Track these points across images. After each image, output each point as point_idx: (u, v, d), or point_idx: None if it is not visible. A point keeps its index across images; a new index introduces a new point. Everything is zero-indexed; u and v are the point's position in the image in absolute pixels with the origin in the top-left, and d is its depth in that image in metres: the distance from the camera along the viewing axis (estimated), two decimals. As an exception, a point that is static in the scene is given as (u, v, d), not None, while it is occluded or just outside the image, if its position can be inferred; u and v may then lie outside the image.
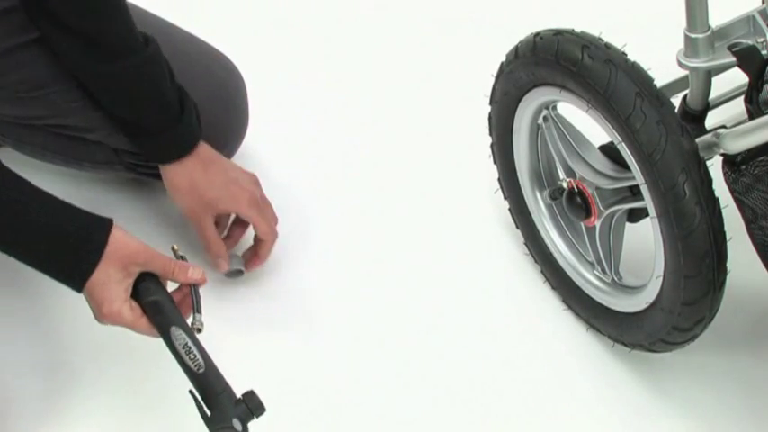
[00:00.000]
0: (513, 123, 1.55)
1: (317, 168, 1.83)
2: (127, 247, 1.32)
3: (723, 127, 1.32)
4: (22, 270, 1.32)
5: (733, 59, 1.33)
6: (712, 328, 1.41)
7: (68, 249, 1.30)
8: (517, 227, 1.67)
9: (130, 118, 1.52)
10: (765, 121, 1.21)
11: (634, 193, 1.44)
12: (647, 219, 1.38)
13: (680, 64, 1.39)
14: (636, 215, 1.48)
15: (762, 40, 1.36)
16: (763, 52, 1.33)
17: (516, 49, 1.47)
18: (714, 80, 1.41)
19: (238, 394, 1.32)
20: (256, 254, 1.61)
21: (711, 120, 1.43)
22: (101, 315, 1.34)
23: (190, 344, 1.34)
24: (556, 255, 1.60)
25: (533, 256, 1.66)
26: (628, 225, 1.50)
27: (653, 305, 1.43)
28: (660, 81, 1.38)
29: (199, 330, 1.36)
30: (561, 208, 1.57)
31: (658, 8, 1.79)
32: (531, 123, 1.54)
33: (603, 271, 1.54)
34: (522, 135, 1.56)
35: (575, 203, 1.50)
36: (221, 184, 1.55)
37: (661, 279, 1.39)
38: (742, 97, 1.29)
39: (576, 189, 1.49)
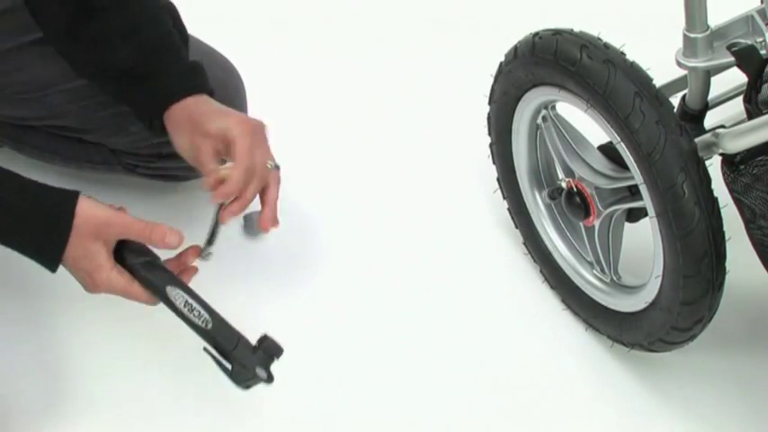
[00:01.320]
0: (511, 123, 1.56)
1: (316, 168, 1.83)
2: (96, 217, 1.29)
3: (722, 127, 1.32)
4: (22, 270, 1.32)
5: (732, 59, 1.33)
6: (711, 328, 1.41)
7: (37, 229, 1.27)
8: (516, 227, 1.67)
9: (139, 61, 1.43)
10: (764, 120, 1.21)
11: (633, 192, 1.44)
12: (646, 218, 1.38)
13: (679, 64, 1.39)
14: (635, 215, 1.48)
15: (761, 39, 1.36)
16: (762, 52, 1.33)
17: (515, 48, 1.47)
18: (713, 80, 1.41)
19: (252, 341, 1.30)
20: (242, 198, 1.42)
21: (710, 119, 1.43)
22: (92, 285, 1.31)
23: (190, 300, 1.32)
24: (555, 254, 1.61)
25: (532, 256, 1.66)
26: (627, 225, 1.50)
27: (652, 305, 1.43)
28: (659, 81, 1.38)
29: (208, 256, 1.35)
30: (560, 208, 1.57)
31: (657, 8, 1.79)
32: (530, 123, 1.54)
33: (602, 271, 1.54)
34: (521, 135, 1.56)
35: (574, 203, 1.50)
36: (218, 112, 1.41)
37: (660, 279, 1.39)
38: (741, 97, 1.29)
39: (575, 189, 1.49)
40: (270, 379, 1.31)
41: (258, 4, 2.14)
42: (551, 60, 1.38)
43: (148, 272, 1.33)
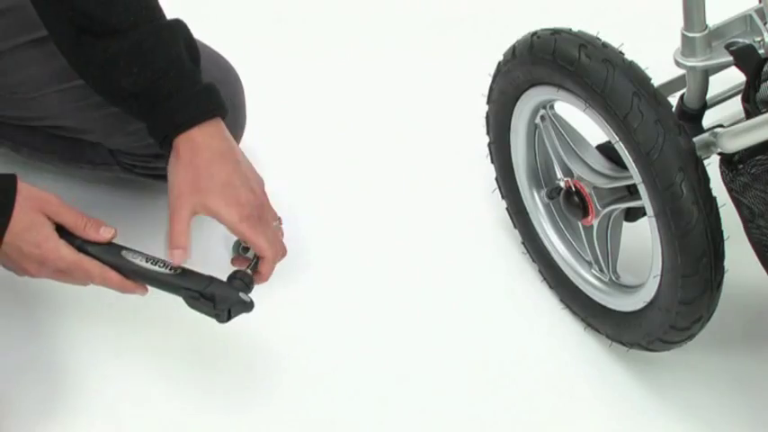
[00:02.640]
0: (510, 123, 1.56)
1: (314, 168, 1.83)
2: (39, 192, 1.30)
3: (720, 126, 1.32)
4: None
5: (730, 58, 1.33)
6: (710, 328, 1.41)
7: None
8: (515, 226, 1.67)
9: (148, 81, 1.39)
10: (763, 119, 1.21)
11: (631, 192, 1.44)
12: (645, 218, 1.38)
13: (677, 63, 1.39)
14: (633, 214, 1.48)
15: (759, 39, 1.36)
16: (761, 51, 1.33)
17: (513, 48, 1.47)
18: (711, 79, 1.41)
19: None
20: (258, 271, 1.42)
21: (709, 119, 1.43)
22: (38, 260, 1.30)
23: (151, 255, 1.33)
24: (553, 254, 1.60)
25: (531, 256, 1.66)
26: (625, 224, 1.51)
27: (650, 304, 1.43)
28: (657, 80, 1.38)
29: None
30: (559, 207, 1.57)
31: (655, 7, 1.79)
32: (529, 123, 1.54)
33: (601, 270, 1.54)
34: (520, 134, 1.56)
35: (572, 203, 1.50)
36: (221, 183, 1.38)
37: (659, 278, 1.39)
38: (739, 96, 1.30)
39: (573, 188, 1.49)
40: (251, 305, 1.33)
41: (256, 3, 2.13)
42: (550, 60, 1.38)
43: (96, 246, 1.33)
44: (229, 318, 1.33)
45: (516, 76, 1.48)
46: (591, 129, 1.41)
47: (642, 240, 1.41)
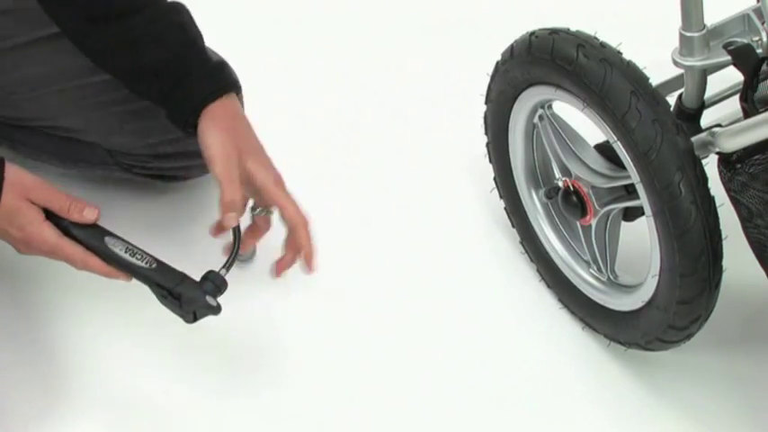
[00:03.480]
0: (508, 122, 1.56)
1: (312, 168, 1.83)
2: (26, 177, 1.31)
3: (718, 125, 1.32)
4: (19, 272, 1.32)
5: (728, 58, 1.33)
6: (708, 327, 1.41)
7: None
8: (513, 226, 1.67)
9: (167, 60, 1.42)
10: (761, 119, 1.21)
11: (629, 191, 1.44)
12: (643, 217, 1.38)
13: (675, 63, 1.39)
14: (631, 214, 1.48)
15: (757, 38, 1.36)
16: (759, 51, 1.33)
17: (512, 48, 1.47)
18: (709, 78, 1.41)
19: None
20: (296, 249, 1.42)
21: (707, 118, 1.43)
22: (24, 242, 1.32)
23: (131, 246, 1.33)
24: (552, 254, 1.61)
25: (529, 255, 1.66)
26: (623, 224, 1.51)
27: (649, 304, 1.43)
28: (655, 80, 1.38)
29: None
30: (557, 207, 1.57)
31: (653, 7, 1.79)
32: (527, 122, 1.54)
33: (599, 270, 1.54)
34: (518, 134, 1.56)
35: (570, 202, 1.50)
36: (258, 147, 1.42)
37: (657, 278, 1.39)
38: (737, 96, 1.30)
39: (571, 188, 1.49)
40: (218, 309, 1.33)
41: (254, 4, 2.13)
42: (548, 59, 1.38)
43: (81, 229, 1.34)
44: (195, 319, 1.33)
45: (514, 75, 1.48)
46: (589, 128, 1.41)
47: (640, 240, 1.41)
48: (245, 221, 1.42)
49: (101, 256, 1.34)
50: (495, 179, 1.66)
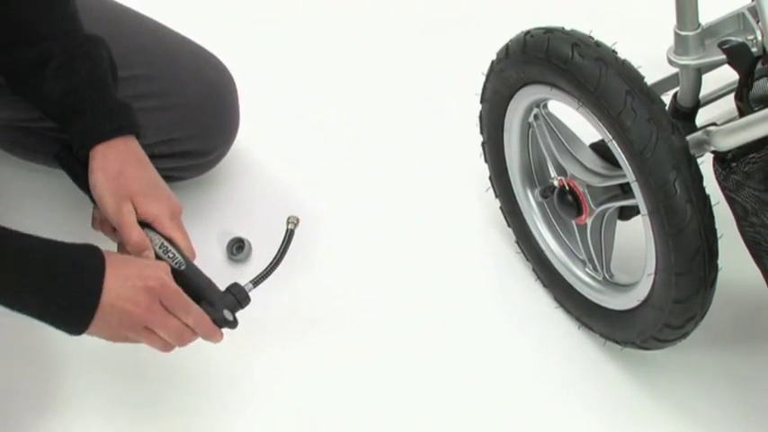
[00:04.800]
0: (503, 122, 1.56)
1: (308, 167, 1.83)
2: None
3: (714, 124, 1.32)
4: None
5: (723, 57, 1.33)
6: (704, 326, 1.41)
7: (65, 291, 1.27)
8: (508, 225, 1.67)
9: (69, 92, 1.43)
10: (756, 118, 1.21)
11: (625, 190, 1.44)
12: (639, 216, 1.38)
13: (670, 62, 1.39)
14: (627, 213, 1.48)
15: (752, 37, 1.36)
16: (753, 49, 1.33)
17: (507, 47, 1.47)
18: (704, 77, 1.41)
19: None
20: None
21: (702, 117, 1.43)
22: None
23: (166, 244, 1.36)
24: (547, 253, 1.61)
25: (525, 255, 1.67)
26: (619, 223, 1.51)
27: (644, 303, 1.43)
28: (650, 79, 1.38)
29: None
30: (552, 206, 1.57)
31: (648, 6, 1.79)
32: (522, 122, 1.54)
33: (595, 269, 1.54)
34: (513, 133, 1.56)
35: (566, 201, 1.50)
36: (150, 182, 1.43)
37: (652, 276, 1.39)
38: (732, 94, 1.30)
39: (567, 187, 1.50)
40: (234, 323, 1.36)
41: (250, 4, 2.13)
42: (543, 59, 1.38)
43: None
44: None
45: (509, 75, 1.48)
46: (584, 127, 1.41)
47: (636, 239, 1.41)
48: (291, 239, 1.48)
49: None
50: (490, 178, 1.66)
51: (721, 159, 1.28)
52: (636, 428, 1.52)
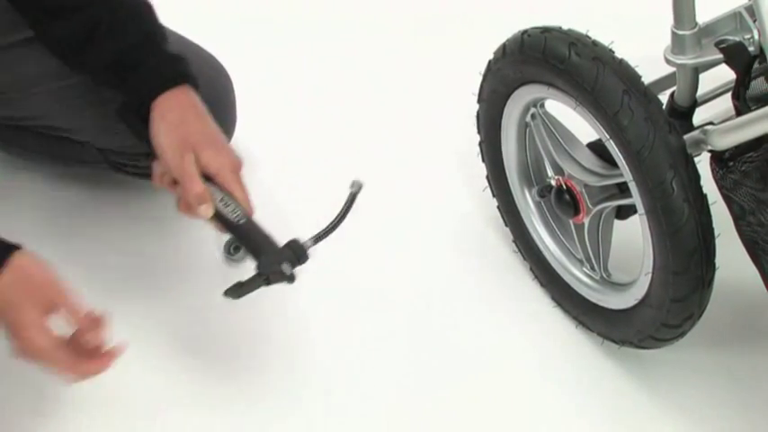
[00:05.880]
0: (501, 121, 1.56)
1: (305, 166, 1.83)
2: (33, 275, 1.27)
3: (711, 123, 1.32)
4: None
5: (720, 56, 1.33)
6: (701, 325, 1.41)
7: None
8: (506, 225, 1.67)
9: (122, 51, 1.43)
10: (753, 117, 1.21)
11: (622, 190, 1.44)
12: (636, 216, 1.39)
13: (667, 61, 1.39)
14: (624, 212, 1.48)
15: (749, 36, 1.36)
16: (750, 49, 1.33)
17: (504, 46, 1.47)
18: (701, 77, 1.41)
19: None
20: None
21: (699, 116, 1.44)
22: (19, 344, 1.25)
23: (226, 198, 1.35)
24: (545, 252, 1.61)
25: (522, 254, 1.66)
26: (616, 222, 1.51)
27: (642, 302, 1.43)
28: (648, 78, 1.38)
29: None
30: (550, 205, 1.57)
31: (645, 5, 1.79)
32: (519, 121, 1.54)
33: (592, 268, 1.54)
34: (511, 133, 1.56)
35: (563, 201, 1.50)
36: (211, 134, 1.41)
37: (650, 276, 1.39)
38: (729, 94, 1.30)
39: (564, 186, 1.50)
40: (292, 278, 1.33)
41: (248, 3, 2.13)
42: (540, 58, 1.38)
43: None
44: (269, 283, 1.33)
45: (507, 74, 1.48)
46: (582, 127, 1.41)
47: (633, 238, 1.42)
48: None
49: None
50: (487, 178, 1.66)
51: (719, 158, 1.28)
52: (634, 428, 1.52)
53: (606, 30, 1.42)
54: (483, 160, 1.65)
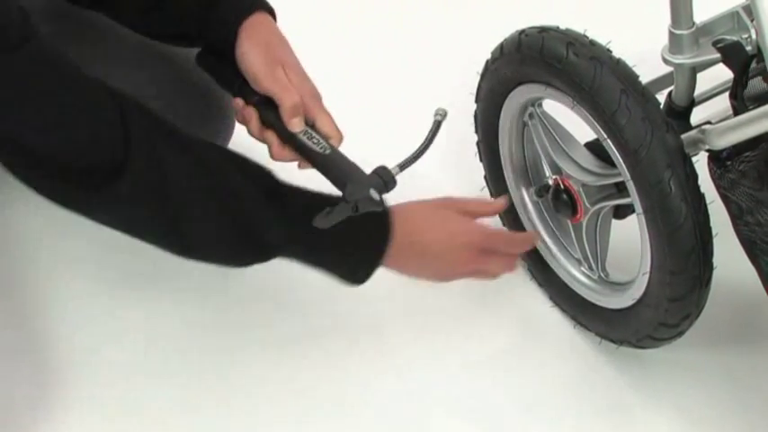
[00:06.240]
0: (498, 121, 1.56)
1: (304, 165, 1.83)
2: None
3: (708, 123, 1.32)
4: (11, 275, 1.32)
5: (718, 55, 1.33)
6: (699, 325, 1.41)
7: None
8: (503, 224, 1.67)
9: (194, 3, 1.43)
10: (750, 116, 1.21)
11: (620, 189, 1.44)
12: (634, 215, 1.39)
13: (665, 60, 1.39)
14: (622, 211, 1.48)
15: (746, 35, 1.36)
16: (748, 48, 1.33)
17: (501, 46, 1.47)
18: (699, 76, 1.41)
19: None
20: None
21: (697, 116, 1.44)
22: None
23: (310, 131, 1.35)
24: (542, 252, 1.60)
25: (520, 254, 1.66)
26: (614, 221, 1.51)
27: (640, 301, 1.43)
28: (645, 77, 1.38)
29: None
30: (547, 205, 1.57)
31: (643, 5, 1.79)
32: (517, 121, 1.54)
33: (590, 268, 1.54)
34: (508, 132, 1.56)
35: (561, 201, 1.50)
36: (296, 61, 1.43)
37: (647, 275, 1.39)
38: (727, 93, 1.30)
39: (562, 186, 1.49)
40: (381, 203, 1.32)
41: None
42: (537, 58, 1.38)
43: (266, 109, 1.37)
44: (357, 211, 1.30)
45: (504, 74, 1.48)
46: (579, 126, 1.41)
47: (631, 238, 1.41)
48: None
49: (280, 133, 1.37)
50: (485, 177, 1.66)
51: (716, 158, 1.28)
52: (631, 427, 1.52)
53: (604, 29, 1.42)
54: (481, 160, 1.65)
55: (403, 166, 1.35)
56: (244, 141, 1.66)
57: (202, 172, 1.31)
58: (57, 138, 1.22)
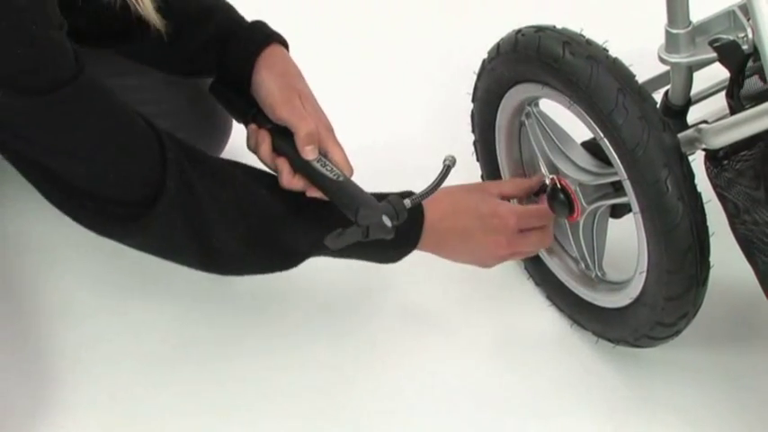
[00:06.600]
0: (495, 120, 1.56)
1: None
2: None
3: (705, 122, 1.32)
4: (10, 275, 1.32)
5: (714, 55, 1.33)
6: (696, 324, 1.41)
7: None
8: (501, 224, 1.67)
9: (220, 25, 1.46)
10: (747, 115, 1.21)
11: (617, 188, 1.44)
12: (630, 214, 1.39)
13: (661, 59, 1.39)
14: (619, 211, 1.49)
15: (742, 35, 1.36)
16: (744, 47, 1.33)
17: (498, 46, 1.47)
18: (695, 75, 1.41)
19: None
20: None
21: (693, 115, 1.44)
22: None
23: (323, 158, 1.36)
24: (539, 250, 1.60)
25: (518, 253, 1.66)
26: (611, 221, 1.51)
27: (636, 301, 1.43)
28: (642, 77, 1.38)
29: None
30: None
31: (639, 4, 1.79)
32: (514, 120, 1.54)
33: (587, 267, 1.54)
34: (505, 132, 1.56)
35: (558, 200, 1.50)
36: (310, 93, 1.44)
37: (644, 274, 1.39)
38: (723, 92, 1.30)
39: (558, 185, 1.49)
40: (391, 231, 1.32)
41: (244, 3, 2.13)
42: (534, 57, 1.38)
43: (279, 137, 1.38)
44: (367, 236, 1.32)
45: (501, 73, 1.48)
46: (576, 126, 1.41)
47: (628, 237, 1.42)
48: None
49: (292, 161, 1.37)
50: (482, 177, 1.66)
51: (713, 157, 1.28)
52: (629, 426, 1.52)
53: (600, 29, 1.42)
54: (477, 159, 1.65)
55: (412, 201, 1.37)
56: (237, 151, 1.67)
57: (230, 191, 1.34)
58: (105, 175, 1.24)
